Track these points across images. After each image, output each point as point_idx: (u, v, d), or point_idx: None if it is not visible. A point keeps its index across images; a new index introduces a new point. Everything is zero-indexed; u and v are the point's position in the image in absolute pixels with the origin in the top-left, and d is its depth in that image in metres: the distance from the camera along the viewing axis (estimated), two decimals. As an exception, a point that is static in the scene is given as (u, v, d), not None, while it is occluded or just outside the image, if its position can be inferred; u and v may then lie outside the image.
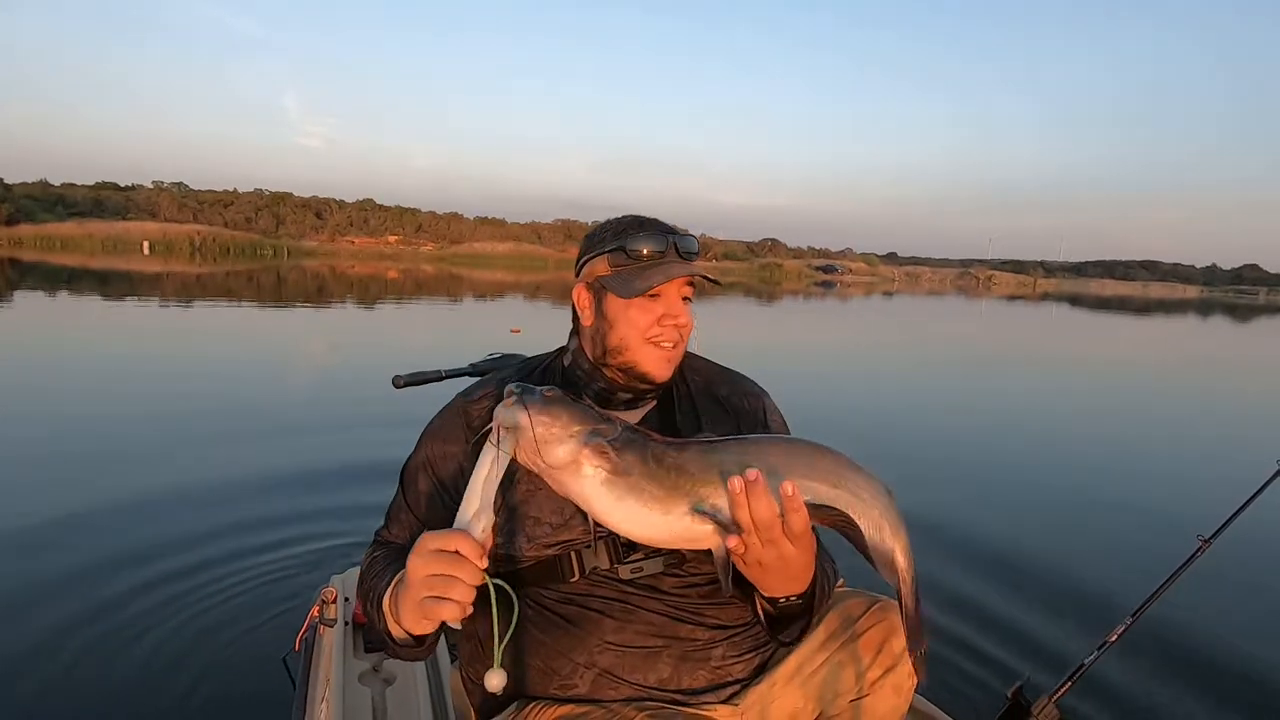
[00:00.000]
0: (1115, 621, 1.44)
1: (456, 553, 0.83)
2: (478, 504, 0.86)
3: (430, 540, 0.85)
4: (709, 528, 0.86)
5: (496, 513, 0.89)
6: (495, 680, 0.86)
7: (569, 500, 0.90)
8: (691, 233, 1.11)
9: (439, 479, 1.10)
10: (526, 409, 0.85)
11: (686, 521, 0.86)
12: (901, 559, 0.90)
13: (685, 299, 1.10)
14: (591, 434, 0.86)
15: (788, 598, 0.96)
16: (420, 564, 0.85)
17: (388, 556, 1.07)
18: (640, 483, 0.85)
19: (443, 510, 1.09)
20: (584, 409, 0.88)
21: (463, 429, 1.11)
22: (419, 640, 0.96)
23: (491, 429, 0.87)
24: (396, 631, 0.95)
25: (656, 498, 0.85)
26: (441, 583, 0.83)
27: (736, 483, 0.82)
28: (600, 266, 1.09)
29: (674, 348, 1.09)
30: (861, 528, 0.88)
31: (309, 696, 1.57)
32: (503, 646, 0.87)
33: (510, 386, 0.89)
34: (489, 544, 0.86)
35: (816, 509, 0.86)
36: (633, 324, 1.07)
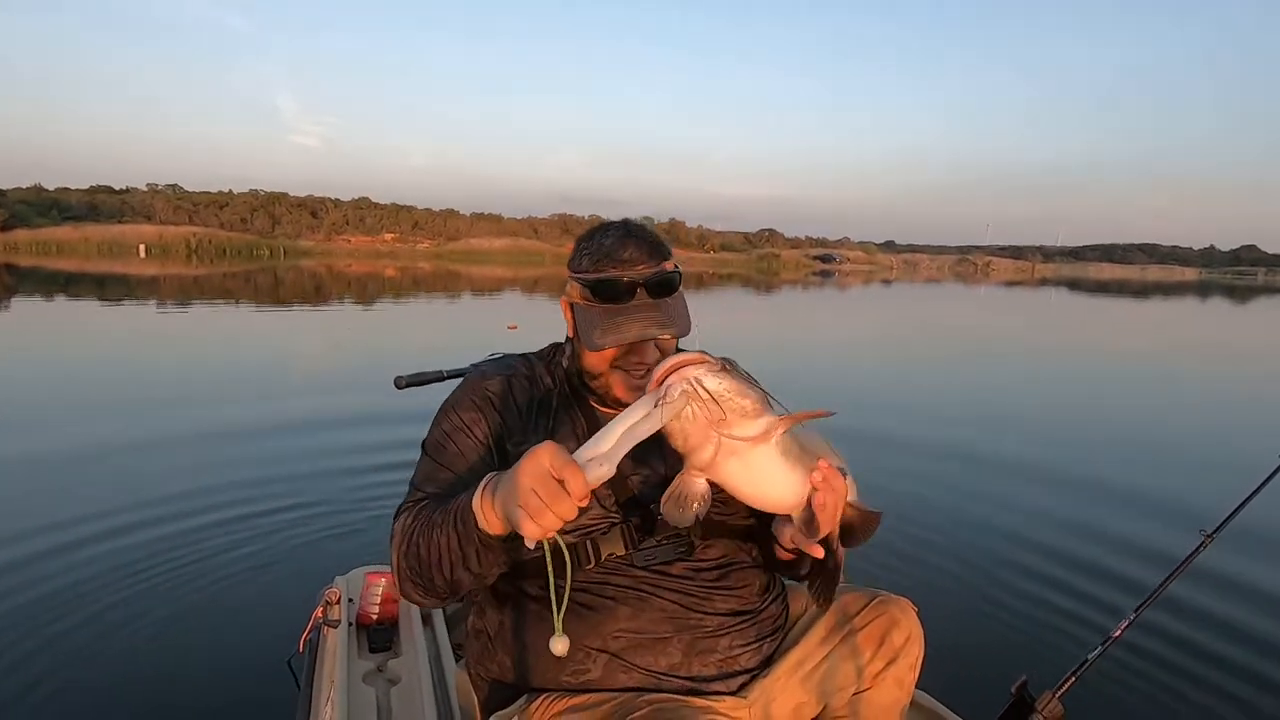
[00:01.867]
0: (1119, 616, 1.43)
1: (562, 483, 0.81)
2: (607, 447, 0.82)
3: (546, 456, 0.82)
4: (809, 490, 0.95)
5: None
6: (560, 645, 0.86)
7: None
8: (667, 259, 1.08)
9: (477, 439, 1.09)
10: (730, 377, 0.86)
11: (806, 488, 0.94)
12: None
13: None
14: (772, 406, 0.90)
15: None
16: (530, 473, 0.82)
17: (436, 504, 1.03)
18: (796, 451, 0.92)
19: (483, 466, 1.07)
20: (756, 384, 0.91)
21: (483, 398, 1.12)
22: (507, 540, 0.93)
23: (665, 384, 0.84)
24: (486, 525, 0.92)
25: (802, 467, 0.93)
26: (536, 503, 0.81)
27: (817, 476, 0.93)
28: (575, 292, 1.09)
29: (646, 376, 1.05)
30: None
31: (313, 697, 1.57)
32: (561, 615, 0.87)
33: (704, 357, 0.88)
34: (596, 486, 0.83)
35: None
36: (601, 354, 1.07)
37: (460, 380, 1.21)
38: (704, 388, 0.84)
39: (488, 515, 0.91)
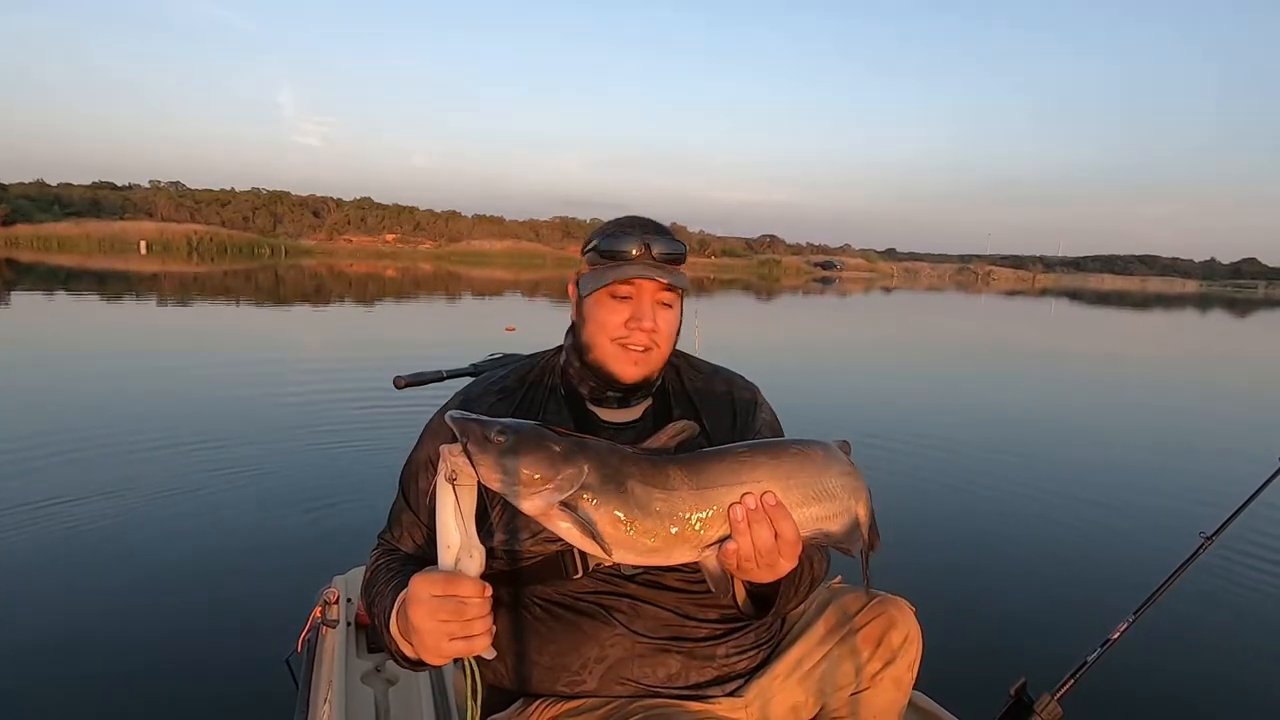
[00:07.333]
0: (1118, 619, 1.43)
1: (461, 599, 0.83)
2: (458, 541, 0.82)
3: (428, 586, 0.84)
4: (706, 555, 0.85)
5: (486, 534, 0.87)
6: None
7: None
8: (679, 239, 1.10)
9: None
10: (476, 464, 0.80)
11: (686, 558, 0.85)
12: (865, 519, 0.92)
13: (665, 304, 1.08)
14: (557, 487, 0.80)
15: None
16: (426, 613, 0.84)
17: (389, 567, 1.06)
18: (624, 535, 0.82)
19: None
20: (545, 451, 0.82)
21: None
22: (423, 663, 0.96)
23: (444, 468, 0.81)
24: (410, 654, 0.94)
25: (648, 549, 0.83)
26: (460, 628, 0.83)
27: (739, 512, 0.83)
28: (584, 264, 1.11)
29: (645, 352, 1.07)
30: (840, 529, 0.90)
31: (312, 697, 1.57)
32: None
33: (451, 418, 0.83)
34: (481, 573, 0.85)
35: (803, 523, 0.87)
36: (600, 323, 1.07)
37: (462, 383, 1.21)
38: (469, 457, 0.80)
39: (403, 644, 0.94)
